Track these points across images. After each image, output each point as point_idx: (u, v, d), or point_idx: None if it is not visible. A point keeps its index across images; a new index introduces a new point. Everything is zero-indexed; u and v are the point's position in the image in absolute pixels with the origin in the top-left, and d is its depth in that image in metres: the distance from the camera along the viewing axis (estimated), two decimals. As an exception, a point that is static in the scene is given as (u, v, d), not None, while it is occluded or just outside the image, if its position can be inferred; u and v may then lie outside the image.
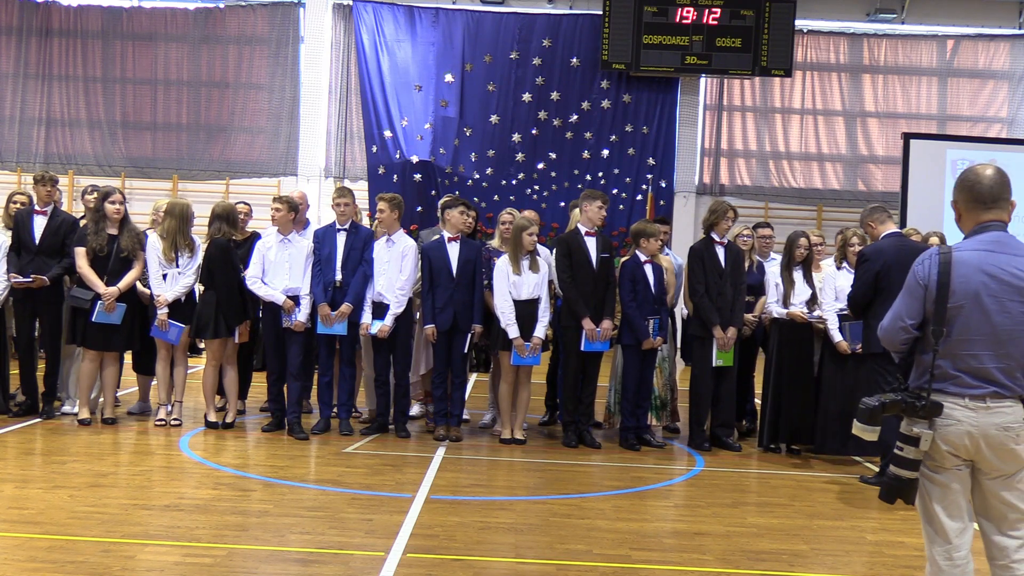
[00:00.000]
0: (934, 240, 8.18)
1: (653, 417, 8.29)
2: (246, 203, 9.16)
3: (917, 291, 3.69)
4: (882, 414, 3.67)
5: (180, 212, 7.98)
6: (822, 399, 8.04)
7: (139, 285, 8.01)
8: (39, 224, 8.03)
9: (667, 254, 8.71)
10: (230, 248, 7.95)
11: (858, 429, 3.74)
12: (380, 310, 7.88)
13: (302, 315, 7.83)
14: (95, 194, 8.25)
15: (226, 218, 7.97)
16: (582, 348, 7.81)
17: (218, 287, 7.87)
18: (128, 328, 7.89)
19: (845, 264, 8.16)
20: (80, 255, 7.77)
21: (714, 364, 7.91)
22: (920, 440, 3.59)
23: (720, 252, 8.01)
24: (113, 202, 7.85)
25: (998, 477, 3.61)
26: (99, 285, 7.71)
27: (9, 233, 8.12)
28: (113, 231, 7.87)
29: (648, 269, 7.89)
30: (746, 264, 8.26)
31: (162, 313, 7.80)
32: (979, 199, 3.70)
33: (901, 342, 3.75)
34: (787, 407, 7.91)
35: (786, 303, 7.98)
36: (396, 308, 7.85)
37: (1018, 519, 3.62)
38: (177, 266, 7.92)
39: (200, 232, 8.07)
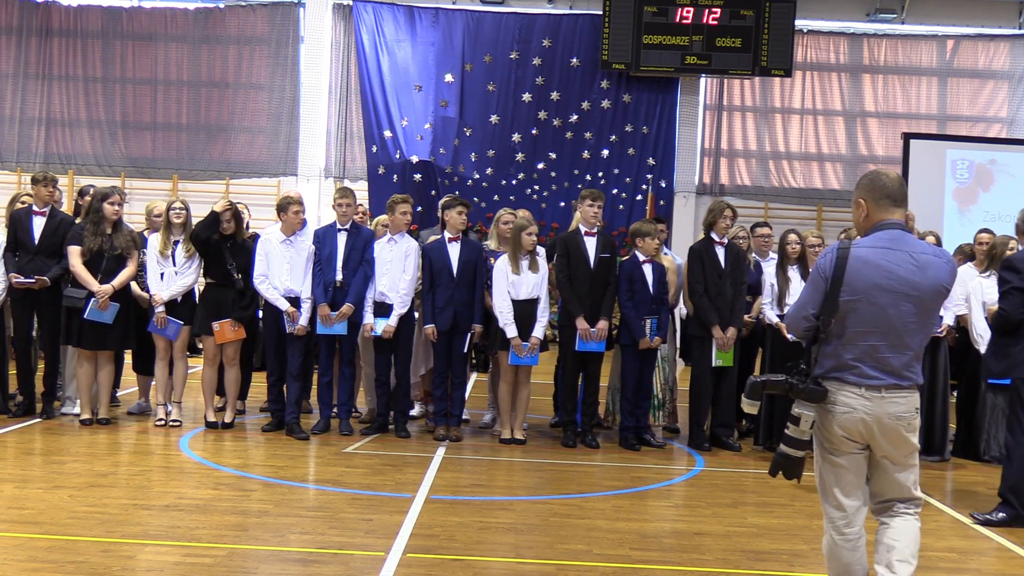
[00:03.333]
0: (930, 240, 8.16)
1: (651, 416, 8.29)
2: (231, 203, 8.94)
3: (819, 283, 3.88)
4: (763, 391, 3.96)
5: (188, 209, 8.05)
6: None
7: (136, 287, 8.00)
8: (38, 224, 8.01)
9: (667, 254, 8.71)
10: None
11: (744, 404, 4.07)
12: (383, 310, 7.87)
13: (303, 319, 7.82)
14: (91, 194, 8.24)
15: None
16: (576, 348, 7.82)
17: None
18: (122, 328, 7.88)
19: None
20: (74, 254, 7.76)
21: (713, 364, 7.91)
22: (800, 420, 3.85)
23: (720, 252, 8.00)
24: (112, 203, 7.84)
25: (889, 459, 3.88)
26: (92, 283, 7.70)
27: (5, 232, 8.11)
28: (108, 231, 7.86)
29: (647, 269, 7.89)
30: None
31: (159, 311, 7.81)
32: (890, 197, 3.87)
33: (804, 330, 3.95)
34: (782, 407, 7.90)
35: (781, 302, 7.96)
36: (400, 308, 7.85)
37: (906, 495, 3.94)
38: (174, 264, 7.92)
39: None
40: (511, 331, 7.69)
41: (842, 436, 3.86)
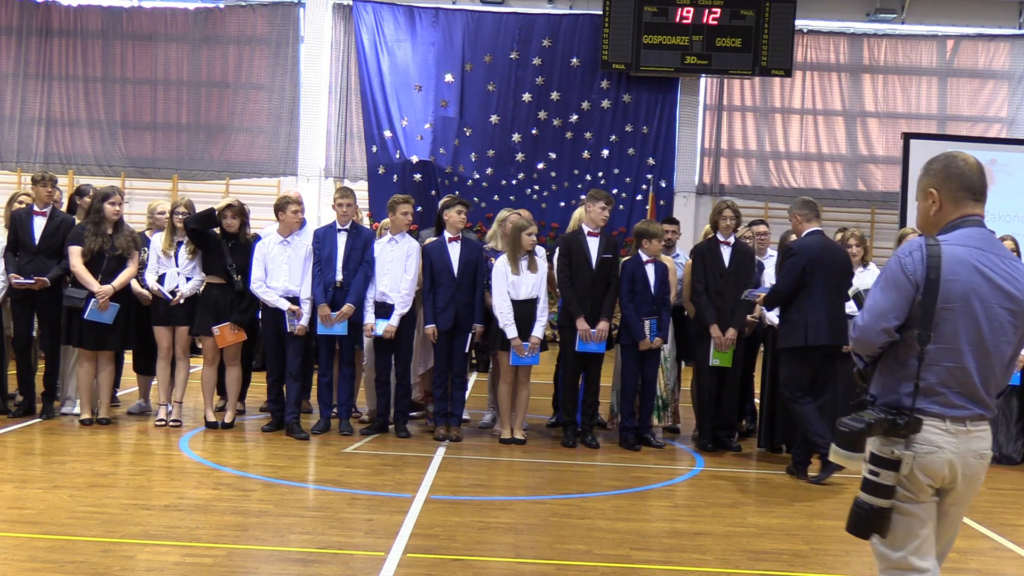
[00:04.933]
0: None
1: (655, 417, 8.29)
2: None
3: (905, 287, 3.17)
4: (868, 437, 3.15)
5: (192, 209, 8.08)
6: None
7: (136, 285, 8.01)
8: (38, 225, 8.01)
9: (677, 256, 8.73)
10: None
11: (837, 456, 3.19)
12: (384, 310, 7.87)
13: (304, 319, 7.82)
14: (91, 194, 8.24)
15: None
16: (576, 349, 7.82)
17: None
18: (123, 328, 7.88)
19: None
20: (75, 254, 7.76)
21: (711, 364, 7.89)
22: (901, 463, 3.11)
23: (725, 252, 7.98)
24: (113, 203, 7.84)
25: (959, 505, 3.27)
26: (93, 284, 7.70)
27: (6, 232, 8.11)
28: (109, 231, 7.86)
29: (650, 269, 7.88)
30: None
31: (154, 287, 7.88)
32: (968, 189, 3.24)
33: (879, 345, 3.24)
34: (784, 407, 7.90)
35: None
36: (401, 308, 7.85)
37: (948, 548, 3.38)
38: (176, 264, 7.92)
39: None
40: (511, 332, 7.69)
41: (925, 483, 3.15)
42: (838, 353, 7.20)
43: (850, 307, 7.20)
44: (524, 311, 7.75)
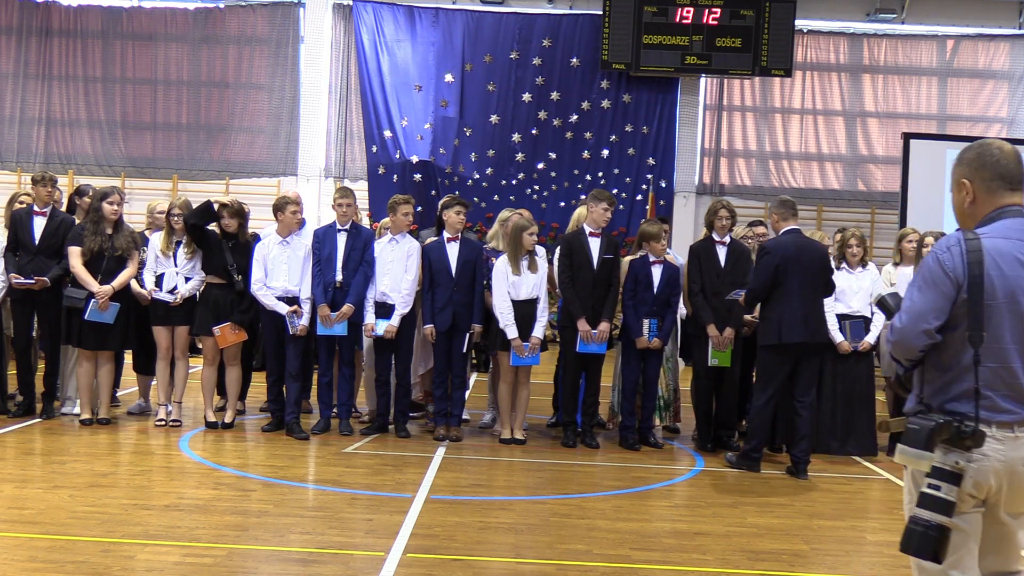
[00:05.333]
0: (929, 240, 8.11)
1: (657, 417, 8.29)
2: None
3: (945, 285, 2.99)
4: (938, 439, 2.92)
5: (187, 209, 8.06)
6: (822, 399, 8.07)
7: (135, 285, 8.01)
8: (39, 225, 8.01)
9: (668, 254, 8.72)
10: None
11: (905, 456, 2.96)
12: (384, 310, 7.87)
13: (304, 319, 7.82)
14: (90, 194, 8.24)
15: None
16: (577, 349, 7.82)
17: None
18: (123, 328, 7.88)
19: (844, 264, 8.17)
20: (75, 255, 7.76)
21: (709, 364, 7.89)
22: (963, 477, 2.89)
23: (721, 252, 7.99)
24: (111, 203, 7.84)
25: (1016, 515, 3.07)
26: (92, 284, 7.69)
27: (6, 233, 8.11)
28: (109, 231, 7.86)
29: (655, 270, 7.87)
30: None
31: (151, 288, 7.87)
32: (1004, 178, 3.06)
33: (920, 348, 3.04)
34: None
35: None
36: (402, 308, 7.84)
37: (1015, 567, 3.12)
38: (175, 264, 7.92)
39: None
40: (512, 332, 7.69)
41: (969, 493, 2.96)
42: (825, 352, 7.27)
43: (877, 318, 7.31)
44: (524, 311, 7.74)
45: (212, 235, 7.92)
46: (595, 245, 7.91)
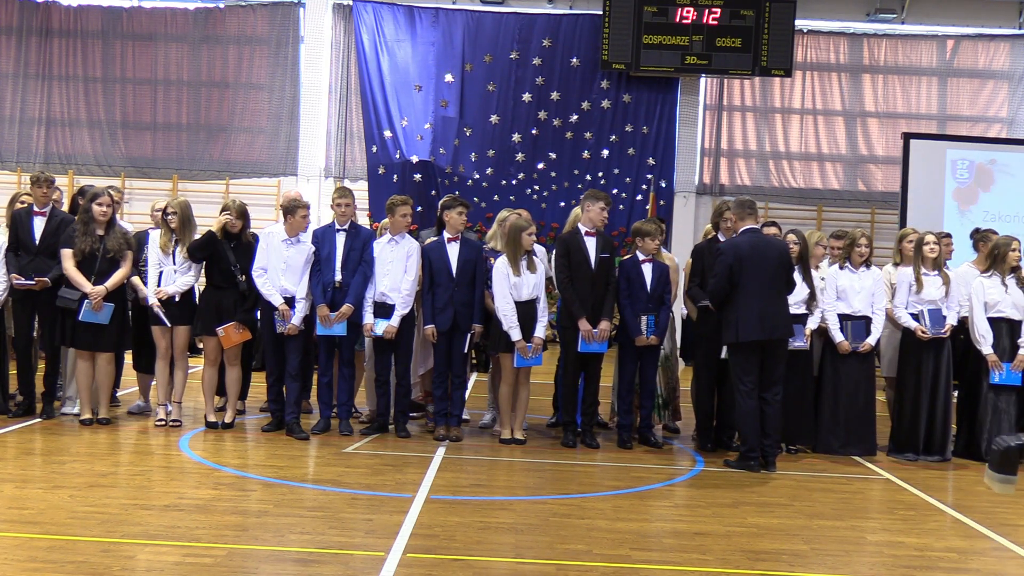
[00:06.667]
0: (929, 239, 8.13)
1: (655, 415, 8.29)
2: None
3: None
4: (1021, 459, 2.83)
5: (183, 209, 8.05)
6: (822, 399, 8.09)
7: (136, 280, 7.99)
8: (39, 225, 8.01)
9: (664, 253, 8.72)
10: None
11: (991, 481, 2.89)
12: (384, 310, 7.86)
13: (296, 319, 7.80)
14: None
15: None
16: (579, 349, 7.82)
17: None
18: (118, 328, 7.87)
19: (848, 264, 8.18)
20: (67, 256, 7.75)
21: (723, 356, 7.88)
22: None
23: None
24: (100, 204, 7.83)
25: None
26: (85, 285, 7.68)
27: (6, 233, 8.11)
28: (100, 232, 7.85)
29: (646, 268, 7.89)
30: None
31: (154, 302, 7.81)
32: None
33: None
34: (786, 407, 7.91)
35: None
36: (402, 309, 7.84)
37: None
38: (174, 262, 7.92)
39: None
40: (515, 334, 7.68)
41: None
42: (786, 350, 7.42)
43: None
44: (526, 312, 7.75)
45: (217, 246, 7.89)
46: (592, 245, 7.91)
